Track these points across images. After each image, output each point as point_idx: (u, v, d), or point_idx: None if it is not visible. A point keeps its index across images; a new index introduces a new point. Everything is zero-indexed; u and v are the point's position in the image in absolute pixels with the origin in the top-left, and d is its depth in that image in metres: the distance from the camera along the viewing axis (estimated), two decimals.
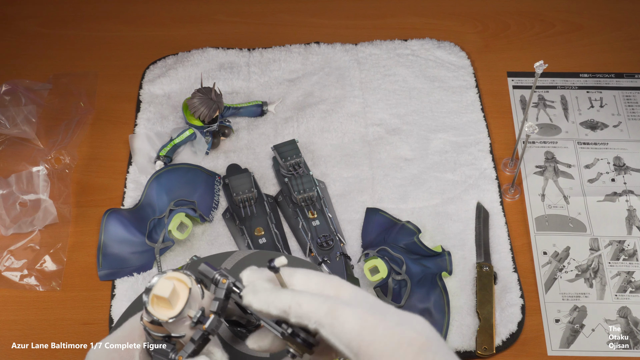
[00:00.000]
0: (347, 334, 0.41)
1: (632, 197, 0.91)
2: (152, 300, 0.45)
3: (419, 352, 0.41)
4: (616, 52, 1.07)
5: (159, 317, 0.45)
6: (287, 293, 0.44)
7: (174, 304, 0.45)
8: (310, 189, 0.87)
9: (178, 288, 0.45)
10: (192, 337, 0.45)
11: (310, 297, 0.43)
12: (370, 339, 0.41)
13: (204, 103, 0.91)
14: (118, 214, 0.87)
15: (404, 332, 0.41)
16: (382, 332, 0.41)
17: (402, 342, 0.41)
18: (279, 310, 0.43)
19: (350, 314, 0.42)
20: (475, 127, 0.97)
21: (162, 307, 0.45)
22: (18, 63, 1.06)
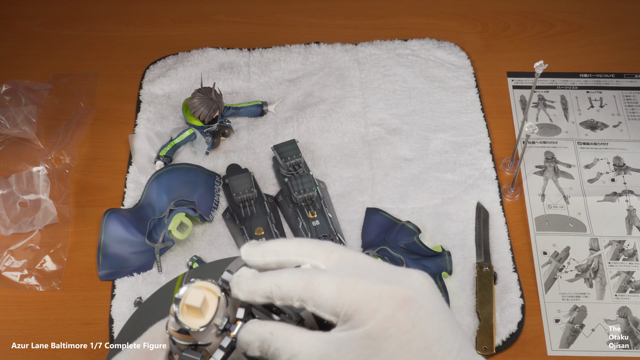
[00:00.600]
0: (328, 302, 0.42)
1: (632, 197, 0.91)
2: (182, 309, 0.46)
3: (400, 305, 0.41)
4: (616, 52, 1.07)
5: (191, 326, 0.45)
6: (267, 277, 0.44)
7: (204, 312, 0.45)
8: (310, 189, 0.87)
9: (208, 297, 0.46)
10: (221, 345, 0.46)
11: (288, 276, 0.43)
12: (350, 301, 0.41)
13: (204, 103, 0.91)
14: (118, 214, 0.87)
15: (384, 288, 0.41)
16: (361, 292, 0.41)
17: (382, 297, 0.41)
18: (262, 297, 0.44)
19: (326, 283, 0.42)
20: (475, 127, 0.97)
21: (192, 317, 0.46)
22: (18, 63, 1.06)
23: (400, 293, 0.41)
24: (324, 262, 0.45)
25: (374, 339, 0.41)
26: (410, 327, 0.41)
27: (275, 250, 0.46)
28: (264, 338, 0.43)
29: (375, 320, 0.41)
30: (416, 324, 0.41)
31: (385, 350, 0.41)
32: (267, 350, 0.43)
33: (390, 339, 0.41)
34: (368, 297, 0.41)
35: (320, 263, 0.45)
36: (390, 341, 0.41)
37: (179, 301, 0.45)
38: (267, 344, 0.43)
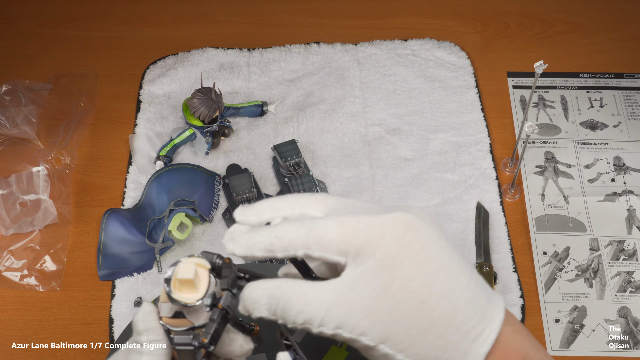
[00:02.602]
0: (334, 241, 0.41)
1: (632, 197, 0.91)
2: (175, 286, 0.45)
3: (406, 228, 0.40)
4: (616, 52, 1.07)
5: (187, 301, 0.44)
6: (265, 230, 0.43)
7: (198, 286, 0.44)
8: (310, 189, 0.87)
9: (199, 271, 0.45)
10: (211, 317, 0.45)
11: (287, 227, 0.42)
12: (355, 234, 0.41)
13: (204, 103, 0.91)
14: (118, 214, 0.87)
15: (387, 216, 0.41)
16: (364, 225, 0.41)
17: (387, 223, 0.41)
18: (262, 250, 0.42)
19: (329, 223, 0.41)
20: (475, 127, 0.97)
21: (187, 292, 0.45)
22: (18, 63, 1.06)
23: (404, 217, 0.41)
24: (320, 210, 0.44)
25: (388, 266, 0.40)
26: (421, 247, 0.40)
27: (270, 206, 0.45)
28: (271, 292, 0.41)
29: (384, 246, 0.40)
30: (427, 244, 0.41)
31: (402, 274, 0.40)
32: (276, 305, 0.41)
33: (404, 263, 0.40)
34: (373, 226, 0.41)
35: (317, 212, 0.44)
36: (405, 265, 0.40)
37: (170, 281, 0.45)
38: (276, 297, 0.41)
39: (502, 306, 0.42)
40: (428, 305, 0.40)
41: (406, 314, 0.40)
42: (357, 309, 0.40)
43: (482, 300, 0.42)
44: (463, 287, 0.41)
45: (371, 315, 0.40)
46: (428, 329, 0.40)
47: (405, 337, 0.40)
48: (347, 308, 0.40)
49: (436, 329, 0.40)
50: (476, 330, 0.41)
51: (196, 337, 0.45)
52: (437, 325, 0.40)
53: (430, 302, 0.40)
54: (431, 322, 0.40)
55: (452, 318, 0.40)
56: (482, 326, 0.41)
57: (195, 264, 0.45)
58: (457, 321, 0.40)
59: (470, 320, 0.41)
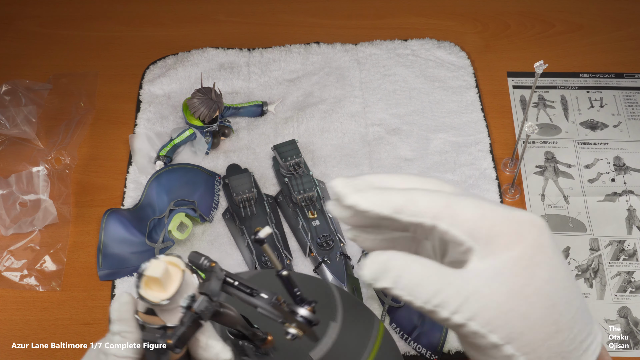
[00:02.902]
0: (469, 222, 0.40)
1: (632, 197, 0.91)
2: (145, 283, 0.44)
3: (542, 232, 0.41)
4: (616, 52, 1.07)
5: (151, 299, 0.43)
6: (399, 191, 0.41)
7: (166, 286, 0.44)
8: (310, 189, 0.87)
9: (171, 270, 0.44)
10: (182, 319, 0.44)
11: (424, 193, 0.41)
12: (492, 223, 0.40)
13: (204, 103, 0.91)
14: (118, 214, 0.87)
15: (523, 215, 0.41)
16: (503, 215, 0.40)
17: (523, 222, 0.41)
18: (391, 209, 0.40)
19: (467, 204, 0.41)
20: (475, 127, 0.97)
21: (155, 291, 0.44)
22: (18, 63, 1.06)
23: (538, 220, 0.41)
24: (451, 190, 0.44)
25: (526, 266, 0.40)
26: (553, 253, 0.41)
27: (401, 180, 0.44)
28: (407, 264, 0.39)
29: (523, 244, 0.40)
30: (556, 251, 0.41)
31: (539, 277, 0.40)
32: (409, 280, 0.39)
33: (540, 266, 0.40)
34: (510, 220, 0.40)
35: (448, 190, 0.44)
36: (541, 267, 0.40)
37: (142, 276, 0.44)
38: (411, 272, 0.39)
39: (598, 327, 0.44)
40: (557, 310, 0.40)
41: (538, 317, 0.40)
42: (494, 305, 0.39)
43: (589, 315, 0.43)
44: (580, 297, 0.42)
45: (506, 313, 0.39)
46: (553, 334, 0.40)
47: (533, 340, 0.40)
48: (485, 301, 0.39)
49: (560, 335, 0.40)
50: (587, 342, 0.42)
51: (163, 336, 0.44)
52: (561, 331, 0.40)
53: (559, 308, 0.40)
54: (557, 328, 0.40)
55: (572, 326, 0.41)
56: (590, 339, 0.42)
57: (168, 262, 0.44)
58: (575, 330, 0.41)
59: (583, 331, 0.42)
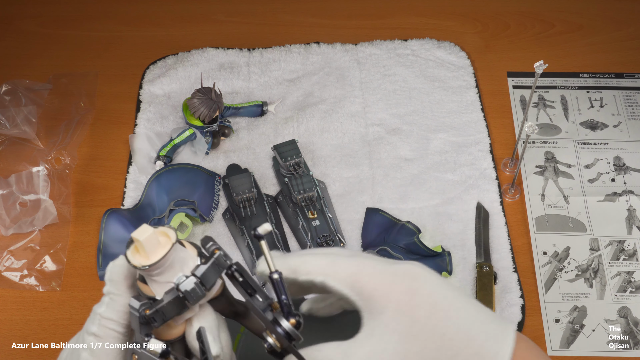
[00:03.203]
0: (349, 277, 0.46)
1: (632, 197, 0.91)
2: (135, 248, 0.44)
3: (413, 279, 0.46)
4: (616, 52, 1.07)
5: (133, 262, 0.43)
6: (295, 255, 0.48)
7: (150, 253, 0.43)
8: (310, 189, 0.87)
9: (161, 240, 0.44)
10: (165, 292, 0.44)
11: (315, 255, 0.48)
12: (369, 278, 0.46)
13: (204, 103, 0.91)
14: (118, 214, 0.87)
15: (397, 268, 0.47)
16: (379, 270, 0.46)
17: (397, 274, 0.46)
18: (289, 270, 0.47)
19: (348, 262, 0.47)
20: (475, 127, 0.97)
21: (142, 257, 0.43)
22: (18, 63, 1.06)
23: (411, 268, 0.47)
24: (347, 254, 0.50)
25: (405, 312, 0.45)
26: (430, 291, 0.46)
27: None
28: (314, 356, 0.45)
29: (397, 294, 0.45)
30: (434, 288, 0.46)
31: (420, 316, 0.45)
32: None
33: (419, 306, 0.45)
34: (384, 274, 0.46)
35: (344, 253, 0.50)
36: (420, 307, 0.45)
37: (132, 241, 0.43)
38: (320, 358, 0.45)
39: (512, 329, 0.47)
40: (448, 337, 0.45)
41: (431, 349, 0.45)
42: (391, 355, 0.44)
43: (493, 326, 0.46)
44: (473, 316, 0.46)
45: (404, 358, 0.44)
46: (452, 358, 0.45)
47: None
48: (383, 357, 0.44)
49: (459, 357, 0.45)
50: (493, 349, 0.45)
51: (144, 305, 0.44)
52: (459, 353, 0.45)
53: (449, 334, 0.45)
54: (453, 352, 0.45)
55: (470, 344, 0.45)
56: (497, 346, 0.46)
57: (160, 232, 0.44)
58: (475, 346, 0.45)
59: (486, 343, 0.45)
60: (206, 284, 0.44)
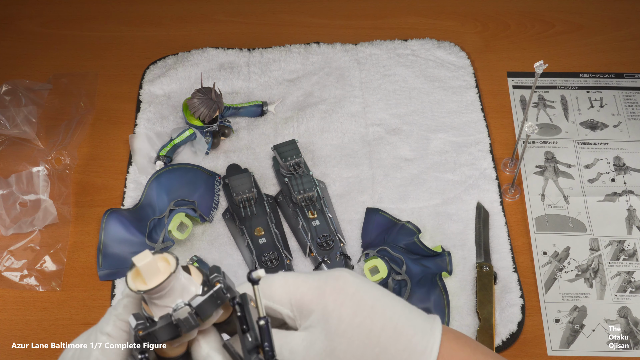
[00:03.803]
0: (276, 292, 0.49)
1: (632, 197, 0.91)
2: (134, 273, 0.44)
3: (337, 279, 0.48)
4: (616, 52, 1.07)
5: (131, 286, 0.44)
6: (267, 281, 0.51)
7: (148, 278, 0.43)
8: (310, 189, 0.87)
9: (161, 266, 0.44)
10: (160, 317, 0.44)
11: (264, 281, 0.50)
12: (294, 289, 0.49)
13: (204, 103, 0.91)
14: (118, 214, 0.87)
15: (323, 273, 0.50)
16: (303, 281, 0.49)
17: (321, 279, 0.49)
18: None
19: (276, 279, 0.50)
20: (475, 127, 0.97)
21: (141, 282, 0.44)
22: (18, 63, 1.06)
23: (335, 272, 0.50)
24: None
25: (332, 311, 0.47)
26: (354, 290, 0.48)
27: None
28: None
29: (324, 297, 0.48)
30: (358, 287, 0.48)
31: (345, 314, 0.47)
32: None
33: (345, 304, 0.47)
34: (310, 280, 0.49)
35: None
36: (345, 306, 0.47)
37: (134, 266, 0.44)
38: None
39: (439, 322, 0.49)
40: (375, 334, 0.47)
41: (358, 346, 0.46)
42: (319, 353, 0.47)
43: (419, 321, 0.48)
44: (399, 313, 0.48)
45: (331, 355, 0.46)
46: (380, 354, 0.46)
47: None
48: (311, 353, 0.47)
49: (387, 352, 0.47)
50: (421, 344, 0.47)
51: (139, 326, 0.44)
52: (386, 348, 0.47)
53: (376, 331, 0.47)
54: (381, 348, 0.47)
55: (397, 340, 0.47)
56: (424, 341, 0.47)
57: (161, 258, 0.45)
58: (402, 341, 0.47)
59: (413, 338, 0.47)
60: (201, 314, 0.44)
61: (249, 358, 0.44)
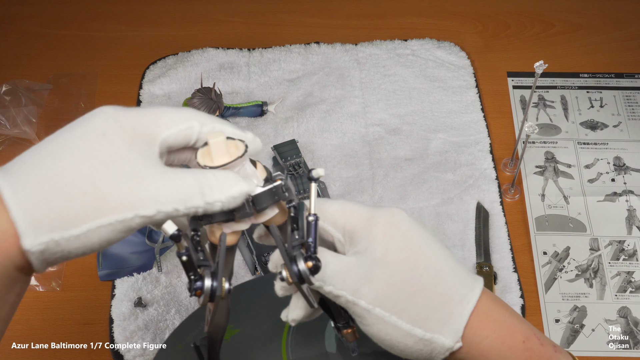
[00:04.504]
0: (332, 215, 0.49)
1: (632, 197, 0.91)
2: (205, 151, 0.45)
3: (393, 215, 0.48)
4: (616, 52, 1.07)
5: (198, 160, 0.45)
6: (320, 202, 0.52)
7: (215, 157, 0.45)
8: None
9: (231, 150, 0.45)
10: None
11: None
12: (349, 215, 0.49)
13: (204, 103, 0.91)
14: None
15: (380, 207, 0.50)
16: (358, 208, 0.50)
17: (377, 210, 0.49)
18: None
19: (334, 203, 0.50)
20: (475, 127, 0.97)
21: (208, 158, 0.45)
22: (18, 63, 1.06)
23: (391, 208, 0.49)
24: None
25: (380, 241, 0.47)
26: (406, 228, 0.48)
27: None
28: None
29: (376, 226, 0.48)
30: (410, 226, 0.49)
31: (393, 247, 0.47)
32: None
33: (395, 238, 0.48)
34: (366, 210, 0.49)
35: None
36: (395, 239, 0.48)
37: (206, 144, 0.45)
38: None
39: (481, 281, 0.49)
40: (417, 272, 0.47)
41: (398, 280, 0.47)
42: (359, 277, 0.47)
43: (462, 272, 0.49)
44: (445, 260, 0.48)
45: (370, 282, 0.47)
46: (418, 292, 0.47)
47: (399, 300, 0.47)
48: (352, 276, 0.47)
49: (425, 292, 0.47)
50: (459, 295, 0.47)
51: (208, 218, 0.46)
52: (425, 289, 0.47)
53: (419, 270, 0.47)
54: (420, 287, 0.47)
55: (437, 283, 0.47)
56: (464, 292, 0.48)
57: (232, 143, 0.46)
58: (442, 286, 0.47)
59: (453, 286, 0.48)
60: (257, 204, 0.46)
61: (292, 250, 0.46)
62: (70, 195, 0.41)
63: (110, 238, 0.42)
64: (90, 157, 0.42)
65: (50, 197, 0.41)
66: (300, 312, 0.50)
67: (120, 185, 0.41)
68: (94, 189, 0.41)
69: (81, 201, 0.41)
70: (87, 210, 0.41)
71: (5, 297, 0.45)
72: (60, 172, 0.41)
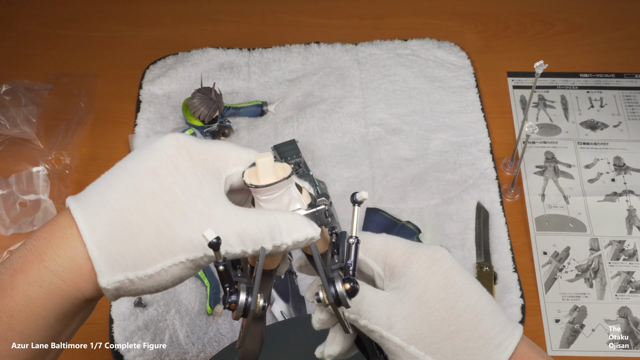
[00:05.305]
0: (374, 248, 0.49)
1: (632, 197, 0.91)
2: (252, 171, 0.46)
3: (435, 252, 0.48)
4: (616, 52, 1.07)
5: (246, 180, 0.45)
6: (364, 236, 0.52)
7: (261, 177, 0.45)
8: (310, 188, 0.87)
9: (278, 172, 0.46)
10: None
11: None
12: (391, 249, 0.49)
13: (204, 103, 0.91)
14: None
15: (422, 244, 0.49)
16: (401, 244, 0.49)
17: (421, 247, 0.48)
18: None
19: (377, 237, 0.50)
20: (475, 127, 0.97)
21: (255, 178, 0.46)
22: (18, 63, 1.06)
23: (436, 247, 0.49)
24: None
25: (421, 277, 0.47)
26: (448, 266, 0.47)
27: None
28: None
29: (417, 262, 0.47)
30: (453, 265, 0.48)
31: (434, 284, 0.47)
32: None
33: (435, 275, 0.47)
34: (406, 248, 0.49)
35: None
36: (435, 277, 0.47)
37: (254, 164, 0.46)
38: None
39: (520, 327, 0.47)
40: (455, 312, 0.46)
41: (436, 318, 0.45)
42: (395, 313, 0.46)
43: (501, 316, 0.47)
44: (485, 302, 0.47)
45: (406, 318, 0.46)
46: (455, 333, 0.45)
47: (434, 340, 0.45)
48: (388, 311, 0.46)
49: (462, 333, 0.45)
50: (498, 339, 0.46)
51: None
52: (463, 330, 0.45)
53: (457, 310, 0.46)
54: (458, 327, 0.45)
55: (476, 325, 0.46)
56: (503, 336, 0.46)
57: (279, 165, 0.46)
58: (480, 329, 0.46)
59: (492, 330, 0.46)
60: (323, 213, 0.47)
61: (330, 273, 0.46)
62: (146, 235, 0.41)
63: (181, 275, 0.43)
64: (165, 192, 0.43)
65: (126, 236, 0.41)
66: (336, 348, 0.50)
67: (192, 225, 0.42)
68: (169, 228, 0.42)
69: (156, 241, 0.41)
70: (161, 250, 0.42)
71: (70, 322, 0.48)
72: (135, 210, 0.42)
